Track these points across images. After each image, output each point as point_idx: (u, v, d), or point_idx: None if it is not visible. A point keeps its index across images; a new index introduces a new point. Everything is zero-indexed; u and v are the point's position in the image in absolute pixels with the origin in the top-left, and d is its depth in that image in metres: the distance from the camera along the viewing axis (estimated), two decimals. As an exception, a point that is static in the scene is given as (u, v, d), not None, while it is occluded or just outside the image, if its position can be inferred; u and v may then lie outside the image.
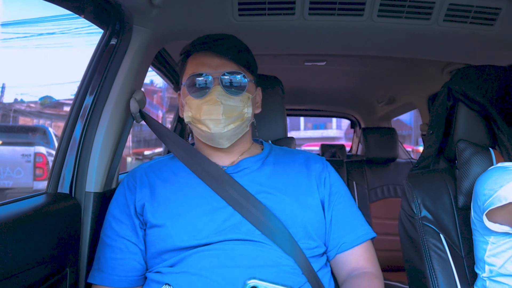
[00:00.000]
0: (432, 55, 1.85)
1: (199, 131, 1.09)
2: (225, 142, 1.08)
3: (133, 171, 1.15)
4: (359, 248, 1.09)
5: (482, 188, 1.07)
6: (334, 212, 1.11)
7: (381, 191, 2.66)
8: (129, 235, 1.06)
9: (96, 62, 1.23)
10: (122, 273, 1.04)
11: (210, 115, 1.05)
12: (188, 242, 0.99)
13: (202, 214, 1.02)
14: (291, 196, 1.07)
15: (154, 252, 1.04)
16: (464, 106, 1.28)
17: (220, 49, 1.09)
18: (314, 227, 1.06)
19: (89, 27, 1.30)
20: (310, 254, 1.03)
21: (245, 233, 1.00)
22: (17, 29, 16.53)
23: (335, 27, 1.51)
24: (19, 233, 0.90)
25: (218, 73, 1.06)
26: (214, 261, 0.96)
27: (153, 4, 1.19)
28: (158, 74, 2.01)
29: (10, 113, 11.22)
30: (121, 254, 1.05)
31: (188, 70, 1.11)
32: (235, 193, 1.03)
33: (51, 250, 1.00)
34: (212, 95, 1.05)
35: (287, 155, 1.20)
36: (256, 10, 1.40)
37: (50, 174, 1.18)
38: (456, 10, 1.37)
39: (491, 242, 1.08)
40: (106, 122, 1.21)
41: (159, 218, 1.03)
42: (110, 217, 1.10)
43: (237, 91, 1.08)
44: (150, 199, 1.06)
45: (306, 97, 3.60)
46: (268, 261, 0.97)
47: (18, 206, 0.99)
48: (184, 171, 1.11)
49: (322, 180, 1.13)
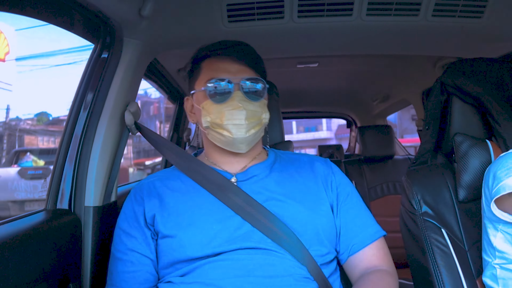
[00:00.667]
0: (423, 51, 1.86)
1: (219, 136, 1.08)
2: (245, 147, 1.08)
3: (139, 183, 1.14)
4: (370, 247, 1.08)
5: (491, 174, 1.07)
6: (343, 214, 1.10)
7: (380, 189, 2.66)
8: (139, 248, 1.05)
9: (88, 76, 1.23)
10: (135, 286, 1.03)
11: (233, 120, 1.05)
12: (201, 252, 0.98)
13: (213, 222, 1.01)
14: (301, 203, 1.06)
15: (166, 263, 1.02)
16: (458, 99, 1.29)
17: (238, 55, 1.10)
18: (326, 232, 1.06)
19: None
20: (321, 261, 1.02)
21: (258, 241, 0.99)
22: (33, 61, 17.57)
23: (325, 28, 1.51)
24: (20, 251, 0.89)
25: (239, 78, 1.07)
26: (228, 271, 0.95)
27: (142, 15, 1.19)
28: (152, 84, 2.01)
29: (16, 133, 11.49)
30: (133, 267, 1.04)
31: (205, 75, 1.10)
32: (239, 200, 1.02)
33: (53, 266, 1.00)
34: (234, 100, 1.06)
35: (292, 160, 1.20)
36: (245, 16, 1.41)
37: (49, 191, 1.18)
38: (444, 4, 1.38)
39: (501, 230, 1.07)
40: (101, 136, 1.20)
41: (170, 228, 1.02)
42: (119, 231, 1.09)
43: (256, 97, 1.09)
44: (160, 209, 1.05)
45: (300, 99, 3.60)
46: (281, 271, 0.96)
47: (18, 224, 0.99)
48: (192, 180, 1.11)
49: (329, 183, 1.13)
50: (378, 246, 1.09)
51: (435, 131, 1.36)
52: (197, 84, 1.13)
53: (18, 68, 11.84)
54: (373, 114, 3.75)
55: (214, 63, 1.11)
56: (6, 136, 10.92)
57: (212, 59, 1.12)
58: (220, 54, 1.10)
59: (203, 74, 1.11)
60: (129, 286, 1.03)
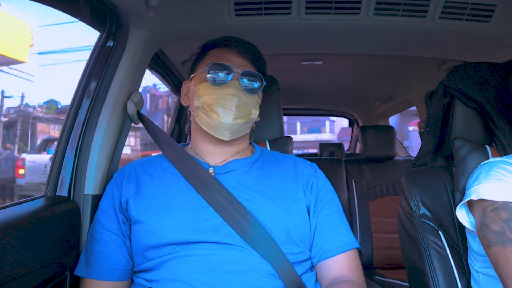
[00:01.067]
0: (428, 53, 1.85)
1: (207, 118, 1.10)
2: (228, 134, 1.10)
3: (123, 167, 1.17)
4: (342, 257, 1.08)
5: (469, 181, 1.09)
6: (319, 219, 1.10)
7: (380, 189, 2.66)
8: (114, 228, 1.07)
9: (93, 64, 1.23)
10: (107, 266, 1.05)
11: (224, 105, 1.08)
12: (167, 239, 0.99)
13: (184, 210, 1.03)
14: (275, 201, 1.07)
15: (137, 249, 1.04)
16: (460, 103, 1.28)
17: (244, 50, 1.15)
18: (298, 232, 1.06)
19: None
20: (293, 259, 1.03)
21: (225, 235, 1.00)
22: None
23: (332, 26, 1.51)
24: (18, 237, 0.89)
25: (240, 69, 1.12)
26: (193, 266, 0.96)
27: (149, 5, 1.19)
28: (156, 75, 2.01)
29: (29, 120, 12.25)
30: (106, 247, 1.06)
31: (209, 60, 1.15)
32: (220, 198, 1.04)
33: (50, 253, 1.00)
34: (230, 86, 1.10)
35: (276, 160, 1.21)
36: (252, 10, 1.40)
37: (49, 177, 1.18)
38: (452, 7, 1.38)
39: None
40: (104, 124, 1.21)
41: (141, 214, 1.04)
42: (98, 211, 1.12)
43: (250, 92, 1.13)
44: (135, 194, 1.07)
45: (303, 96, 3.60)
46: (247, 266, 0.97)
47: (17, 210, 0.99)
48: (173, 168, 1.13)
49: (310, 185, 1.14)
50: (350, 257, 1.09)
51: (436, 134, 1.36)
52: (199, 68, 1.17)
53: (40, 62, 12.42)
54: (375, 114, 3.75)
55: (221, 53, 1.15)
56: (20, 123, 11.68)
57: (219, 49, 1.17)
58: (228, 46, 1.15)
59: (207, 59, 1.16)
60: (102, 266, 1.04)
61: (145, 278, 1.02)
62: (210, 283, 0.94)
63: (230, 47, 1.15)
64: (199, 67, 1.18)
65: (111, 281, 1.04)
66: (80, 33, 19.49)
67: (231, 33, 1.17)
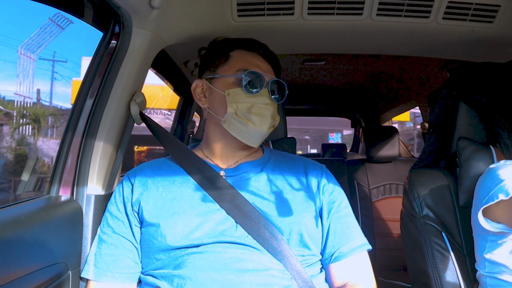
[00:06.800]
0: (431, 53, 1.84)
1: (240, 125, 1.09)
2: (259, 142, 1.12)
3: (133, 170, 1.16)
4: (354, 259, 1.08)
5: (481, 185, 1.07)
6: (332, 220, 1.10)
7: (382, 190, 2.66)
8: (124, 232, 1.07)
9: (96, 64, 1.23)
10: (115, 269, 1.04)
11: (260, 114, 1.08)
12: (180, 242, 0.99)
13: (196, 215, 1.02)
14: (288, 203, 1.06)
15: (147, 251, 1.04)
16: (464, 104, 1.28)
17: (269, 57, 1.17)
18: (310, 235, 1.05)
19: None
20: (305, 261, 1.03)
21: (238, 237, 1.00)
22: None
23: (334, 27, 1.51)
24: (21, 236, 0.89)
25: (269, 77, 1.13)
26: (205, 264, 0.96)
27: (152, 6, 1.19)
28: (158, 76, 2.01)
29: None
30: (116, 251, 1.06)
31: (237, 63, 1.14)
32: (233, 201, 1.03)
33: (53, 253, 1.00)
34: (263, 95, 1.10)
35: (286, 161, 1.20)
36: (255, 10, 1.40)
37: (52, 177, 1.18)
38: (455, 8, 1.37)
39: (490, 240, 1.07)
40: (107, 125, 1.21)
41: (154, 217, 1.03)
42: (107, 214, 1.11)
43: (276, 99, 1.14)
44: (146, 197, 1.07)
45: (306, 96, 3.60)
46: (259, 265, 0.97)
47: (20, 209, 0.99)
48: (183, 171, 1.12)
49: (321, 187, 1.13)
50: (361, 259, 1.09)
51: (440, 134, 1.35)
52: (224, 70, 1.15)
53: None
54: (378, 115, 3.74)
55: (246, 56, 1.15)
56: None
57: (242, 51, 1.16)
58: (253, 50, 1.16)
59: (233, 62, 1.15)
60: (110, 269, 1.04)
61: (154, 276, 1.01)
62: (221, 281, 0.94)
63: (254, 51, 1.16)
64: (223, 69, 1.15)
65: (119, 283, 1.04)
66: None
67: (234, 34, 1.17)
